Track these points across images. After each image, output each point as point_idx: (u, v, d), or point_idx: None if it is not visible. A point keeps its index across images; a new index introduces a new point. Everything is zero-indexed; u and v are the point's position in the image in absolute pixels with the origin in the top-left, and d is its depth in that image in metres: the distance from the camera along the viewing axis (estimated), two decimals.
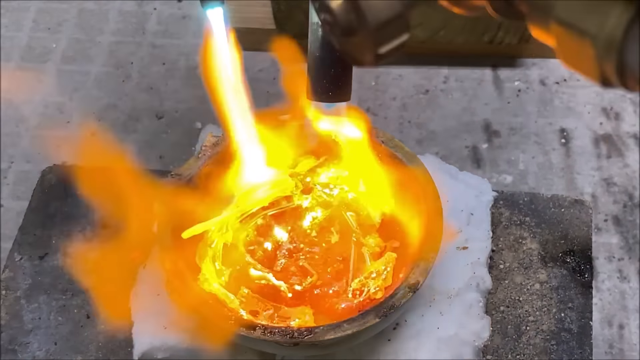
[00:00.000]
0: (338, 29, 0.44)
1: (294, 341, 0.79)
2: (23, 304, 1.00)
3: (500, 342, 0.95)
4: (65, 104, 1.50)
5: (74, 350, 0.96)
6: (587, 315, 0.97)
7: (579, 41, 0.39)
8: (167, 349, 0.91)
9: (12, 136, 1.45)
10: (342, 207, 0.96)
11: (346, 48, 0.46)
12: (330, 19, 0.44)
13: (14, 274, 1.03)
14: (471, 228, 1.00)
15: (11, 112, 1.49)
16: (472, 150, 1.40)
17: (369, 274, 0.89)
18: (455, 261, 0.96)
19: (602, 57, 0.39)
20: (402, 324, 0.91)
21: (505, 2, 0.45)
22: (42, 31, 1.62)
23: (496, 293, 0.98)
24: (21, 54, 1.58)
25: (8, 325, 0.99)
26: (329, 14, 0.43)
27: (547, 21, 0.41)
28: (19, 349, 0.97)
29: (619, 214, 1.31)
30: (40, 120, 1.48)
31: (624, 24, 0.38)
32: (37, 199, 1.10)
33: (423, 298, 0.92)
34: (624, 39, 0.38)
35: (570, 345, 0.94)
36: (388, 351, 0.90)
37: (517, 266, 1.01)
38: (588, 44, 0.39)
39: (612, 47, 0.38)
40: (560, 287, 0.99)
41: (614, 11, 0.38)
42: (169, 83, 1.52)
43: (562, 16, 0.40)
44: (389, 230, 0.94)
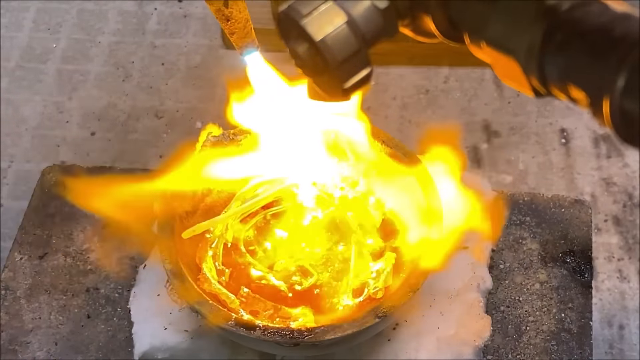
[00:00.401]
0: (307, 71, 0.50)
1: (294, 341, 0.79)
2: (23, 303, 1.00)
3: (501, 342, 0.95)
4: (65, 104, 1.50)
5: (74, 350, 0.96)
6: (587, 316, 0.97)
7: (507, 58, 0.46)
8: (167, 349, 0.91)
9: (12, 136, 1.45)
10: (342, 207, 0.96)
11: (319, 86, 0.51)
12: (299, 63, 0.49)
13: (14, 273, 1.03)
14: None
15: (11, 112, 1.49)
16: (472, 150, 1.40)
17: (369, 274, 0.89)
18: (455, 261, 0.96)
19: (526, 71, 0.45)
20: (402, 323, 0.91)
21: (452, 30, 0.51)
22: (42, 31, 1.62)
23: (496, 293, 0.98)
24: (21, 54, 1.58)
25: (8, 325, 0.99)
26: (298, 58, 0.49)
27: (481, 43, 0.48)
28: (19, 349, 0.97)
29: (619, 214, 1.31)
30: (40, 120, 1.48)
31: (539, 39, 0.44)
32: (37, 198, 1.10)
33: (423, 298, 0.92)
34: (541, 53, 0.44)
35: (570, 346, 0.94)
36: (388, 351, 0.90)
37: (517, 266, 1.01)
38: (513, 60, 0.45)
39: (532, 60, 0.44)
40: (561, 287, 0.99)
41: (530, 29, 0.44)
42: (169, 83, 1.53)
43: (491, 37, 0.47)
44: (389, 230, 0.93)
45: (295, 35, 0.48)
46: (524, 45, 0.44)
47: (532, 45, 0.44)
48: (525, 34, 0.44)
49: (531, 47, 0.44)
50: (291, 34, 0.49)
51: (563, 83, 0.44)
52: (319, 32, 0.47)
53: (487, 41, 0.47)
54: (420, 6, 0.50)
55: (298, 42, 0.48)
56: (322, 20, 0.47)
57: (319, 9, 0.47)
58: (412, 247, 0.89)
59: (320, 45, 0.47)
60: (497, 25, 0.46)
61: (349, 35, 0.47)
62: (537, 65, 0.44)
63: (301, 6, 0.48)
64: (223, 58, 1.57)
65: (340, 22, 0.47)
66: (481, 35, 0.47)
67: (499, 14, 0.46)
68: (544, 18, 0.44)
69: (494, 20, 0.46)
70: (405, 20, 0.52)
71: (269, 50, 1.66)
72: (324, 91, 0.51)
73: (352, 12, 0.48)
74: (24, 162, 1.42)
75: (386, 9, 0.50)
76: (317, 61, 0.48)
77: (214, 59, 1.57)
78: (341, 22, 0.47)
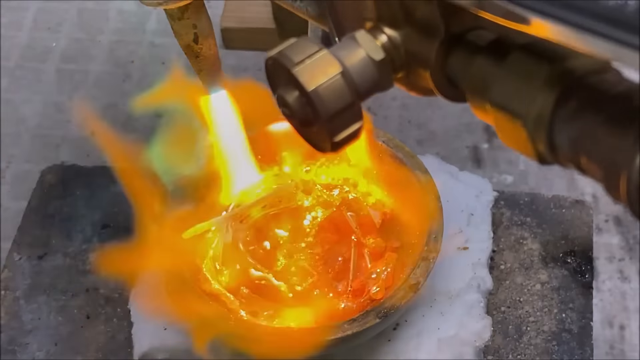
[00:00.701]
0: (296, 121, 0.46)
1: None
2: (22, 304, 1.00)
3: (501, 343, 0.95)
4: (65, 104, 1.50)
5: (73, 351, 0.96)
6: (587, 316, 0.97)
7: (513, 123, 0.42)
8: (167, 350, 0.91)
9: (12, 136, 1.45)
10: (342, 207, 0.96)
11: (308, 137, 0.48)
12: (288, 112, 0.46)
13: (13, 274, 1.03)
14: (472, 228, 0.99)
15: (10, 112, 1.49)
16: (472, 150, 1.39)
17: (369, 275, 0.89)
18: (455, 262, 0.96)
19: (533, 138, 0.41)
20: (402, 324, 0.91)
21: (451, 87, 0.48)
22: (42, 30, 1.62)
23: (497, 293, 0.98)
24: (21, 53, 1.58)
25: (7, 325, 0.98)
26: (286, 107, 0.46)
27: (485, 104, 0.44)
28: (18, 350, 0.97)
29: (620, 214, 1.30)
30: (40, 120, 1.48)
31: (550, 105, 0.40)
32: (36, 198, 1.10)
33: (424, 298, 0.92)
34: (551, 120, 0.40)
35: (571, 346, 0.94)
36: (388, 351, 0.90)
37: (518, 267, 1.01)
38: (520, 125, 0.41)
39: (541, 127, 0.41)
40: (561, 288, 0.99)
41: (541, 93, 0.40)
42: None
43: (496, 99, 0.43)
44: (389, 230, 0.93)
45: (285, 83, 0.46)
46: (533, 111, 0.41)
47: (543, 112, 0.40)
48: (535, 98, 0.41)
49: (541, 114, 0.40)
50: (280, 81, 0.46)
51: (574, 154, 0.40)
52: (311, 81, 0.44)
53: (491, 103, 0.43)
54: (418, 61, 0.48)
55: (287, 90, 0.45)
56: (315, 69, 0.44)
57: (312, 57, 0.45)
58: (412, 247, 0.89)
59: (312, 96, 0.44)
60: (504, 86, 0.43)
61: (342, 87, 0.45)
62: (546, 134, 0.41)
63: (293, 53, 0.45)
64: (223, 58, 1.57)
65: (334, 73, 0.45)
66: (485, 96, 0.44)
67: (506, 74, 0.43)
68: (558, 83, 0.40)
69: (500, 81, 0.43)
70: (400, 73, 0.49)
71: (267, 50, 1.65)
72: (312, 142, 0.48)
73: (346, 62, 0.46)
74: (23, 162, 1.42)
75: (382, 61, 0.47)
76: (306, 111, 0.45)
77: None
78: (335, 72, 0.45)
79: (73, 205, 1.09)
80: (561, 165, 0.42)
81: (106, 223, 1.07)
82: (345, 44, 0.47)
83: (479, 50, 0.45)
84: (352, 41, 0.47)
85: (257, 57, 1.52)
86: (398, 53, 0.47)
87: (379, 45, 0.47)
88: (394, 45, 0.47)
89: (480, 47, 0.45)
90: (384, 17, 0.47)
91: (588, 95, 0.39)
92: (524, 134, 0.41)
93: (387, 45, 0.47)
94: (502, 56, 0.43)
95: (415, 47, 0.47)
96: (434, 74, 0.47)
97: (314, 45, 0.45)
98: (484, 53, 0.44)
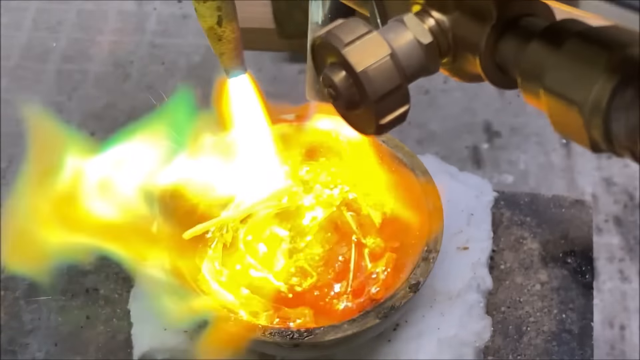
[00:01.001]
0: (342, 102, 0.46)
1: (294, 342, 0.79)
2: (22, 304, 1.00)
3: (502, 343, 0.95)
4: (65, 104, 1.50)
5: (73, 351, 0.96)
6: (588, 316, 0.97)
7: (568, 109, 0.41)
8: (167, 350, 0.91)
9: (12, 136, 1.45)
10: (342, 207, 0.96)
11: (351, 120, 0.47)
12: (333, 93, 0.46)
13: (12, 274, 1.03)
14: (472, 228, 0.99)
15: (10, 112, 1.49)
16: (472, 151, 1.39)
17: (369, 275, 0.89)
18: (456, 262, 0.96)
19: (589, 125, 0.40)
20: (402, 324, 0.91)
21: (500, 72, 0.47)
22: (42, 31, 1.62)
23: (497, 294, 0.98)
24: (21, 54, 1.58)
25: (7, 325, 0.98)
26: (332, 88, 0.45)
27: (538, 90, 0.43)
28: (18, 350, 0.97)
29: (620, 214, 1.30)
30: None
31: (608, 92, 0.39)
32: None
33: (424, 299, 0.92)
34: (608, 108, 0.40)
35: (572, 347, 0.94)
36: (388, 352, 0.90)
37: (518, 267, 1.00)
38: (576, 112, 0.41)
39: (597, 115, 0.40)
40: (561, 288, 0.99)
41: (599, 80, 0.40)
42: (169, 83, 1.52)
43: (551, 86, 0.42)
44: (389, 231, 0.93)
45: (332, 63, 0.46)
46: (590, 98, 0.40)
47: (600, 99, 0.40)
48: (593, 85, 0.40)
49: (599, 101, 0.40)
50: (327, 61, 0.46)
51: (632, 143, 0.39)
52: (361, 62, 0.44)
53: (545, 89, 0.43)
54: (466, 45, 0.47)
55: (334, 70, 0.45)
56: (365, 50, 0.44)
57: (362, 38, 0.45)
58: (412, 247, 0.89)
59: (361, 76, 0.44)
60: (561, 73, 0.42)
61: (391, 69, 0.45)
62: (602, 121, 0.40)
63: (343, 33, 0.45)
64: None
65: (384, 54, 0.44)
66: (539, 83, 0.43)
67: (563, 60, 0.42)
68: (617, 70, 0.39)
69: (556, 68, 0.42)
70: (446, 58, 0.49)
71: (268, 50, 1.65)
72: (354, 125, 0.48)
73: (395, 45, 0.45)
74: (23, 162, 1.42)
75: (429, 44, 0.47)
76: (353, 93, 0.45)
77: (213, 59, 1.57)
78: (385, 54, 0.44)
79: None
80: (615, 154, 0.41)
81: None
82: (393, 27, 0.47)
83: (533, 36, 0.44)
84: (400, 24, 0.47)
85: (256, 57, 1.52)
86: (446, 37, 0.47)
87: (426, 28, 0.47)
88: (442, 29, 0.47)
89: (534, 33, 0.44)
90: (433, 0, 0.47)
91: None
92: (579, 121, 0.41)
93: (434, 29, 0.47)
94: (557, 43, 0.42)
95: (465, 32, 0.47)
96: (484, 60, 0.47)
97: (363, 26, 0.45)
98: (539, 39, 0.44)
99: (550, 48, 0.43)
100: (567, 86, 0.41)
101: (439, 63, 0.49)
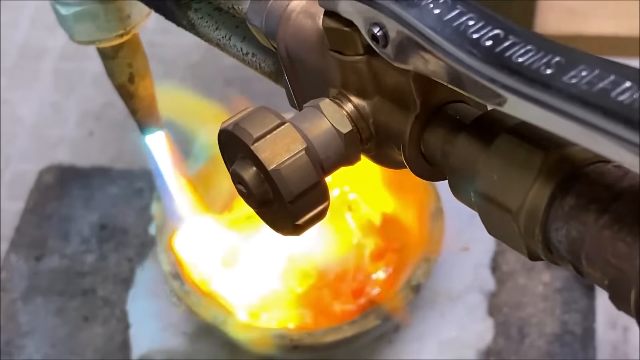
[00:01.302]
0: (253, 201, 0.41)
1: (294, 344, 0.79)
2: (19, 306, 1.00)
3: (504, 344, 0.94)
4: (62, 103, 1.50)
5: (71, 353, 0.96)
6: (590, 318, 0.96)
7: (501, 215, 0.37)
8: (165, 351, 0.91)
9: (9, 135, 1.44)
10: (342, 207, 0.96)
11: (265, 217, 0.43)
12: (244, 191, 0.41)
13: (10, 275, 1.02)
14: (473, 229, 0.99)
15: (7, 111, 1.48)
16: None
17: (369, 276, 0.89)
18: (457, 262, 0.95)
19: (525, 235, 0.36)
20: (403, 325, 0.91)
21: (427, 164, 0.42)
22: (39, 29, 1.61)
23: (499, 295, 0.98)
24: (18, 53, 1.58)
25: (4, 327, 0.98)
26: (241, 184, 0.41)
27: (469, 191, 0.38)
28: (15, 352, 0.96)
29: None
30: (37, 120, 1.47)
31: (545, 199, 0.35)
32: (33, 199, 1.10)
33: (425, 300, 0.92)
34: (546, 216, 0.35)
35: (574, 348, 0.94)
36: (389, 353, 0.90)
37: (520, 268, 1.00)
38: (509, 219, 0.36)
39: (534, 223, 0.35)
40: (564, 289, 0.98)
41: (534, 185, 0.35)
42: (168, 82, 1.52)
43: (482, 189, 0.37)
44: (390, 231, 0.93)
45: (242, 158, 0.41)
46: (525, 205, 0.35)
47: (536, 207, 0.35)
48: (527, 191, 0.35)
49: (535, 209, 0.35)
50: (236, 155, 0.41)
51: (574, 257, 0.34)
52: (272, 159, 0.39)
53: (475, 193, 0.37)
54: (389, 134, 0.42)
55: (244, 166, 0.40)
56: (277, 144, 0.39)
57: (273, 132, 0.40)
58: (413, 247, 0.89)
59: (274, 175, 0.39)
60: (490, 174, 0.36)
61: (307, 165, 0.40)
62: (540, 231, 0.35)
63: (251, 125, 0.40)
64: (222, 57, 1.56)
65: (298, 149, 0.39)
66: (468, 183, 0.38)
67: (493, 161, 0.37)
68: (553, 174, 0.35)
69: (486, 169, 0.37)
70: (368, 144, 0.43)
71: None
72: (270, 224, 0.43)
73: (310, 136, 0.40)
74: (20, 162, 1.41)
75: (349, 133, 0.42)
76: (265, 190, 0.40)
77: (213, 58, 1.57)
78: (299, 148, 0.39)
79: (71, 206, 1.08)
80: (557, 265, 0.37)
81: (104, 224, 1.06)
82: (307, 115, 0.42)
83: (461, 128, 0.39)
84: (316, 111, 0.42)
85: None
86: (366, 124, 0.42)
87: (345, 115, 0.42)
88: (362, 115, 0.42)
89: (463, 124, 0.39)
90: (351, 84, 0.42)
91: (589, 190, 0.34)
92: (514, 229, 0.36)
93: (354, 115, 0.42)
94: (488, 138, 0.37)
95: (387, 119, 0.42)
96: (408, 151, 0.41)
97: (274, 116, 0.40)
98: (467, 133, 0.39)
99: (480, 144, 0.38)
100: (499, 190, 0.36)
101: (359, 153, 0.44)
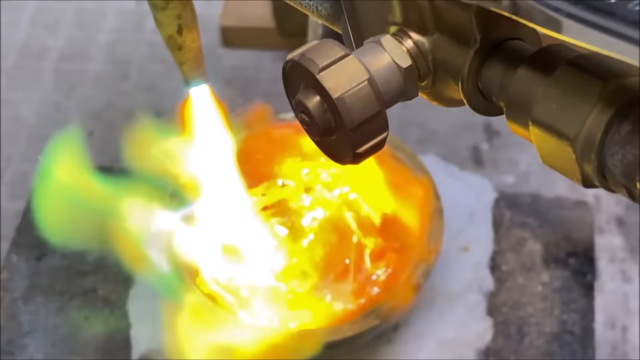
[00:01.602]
0: (316, 129, 0.42)
1: (294, 344, 0.79)
2: (20, 305, 1.00)
3: (503, 344, 0.94)
4: (63, 103, 1.50)
5: (72, 352, 0.96)
6: (589, 317, 0.96)
7: (558, 143, 0.38)
8: (166, 351, 0.91)
9: (10, 135, 1.45)
10: (342, 207, 0.95)
11: (324, 147, 0.44)
12: (307, 119, 0.42)
13: (11, 275, 1.02)
14: (472, 229, 0.99)
15: (8, 111, 1.48)
16: (473, 150, 1.39)
17: (369, 276, 0.89)
18: (456, 262, 0.95)
19: (581, 160, 0.37)
20: (403, 325, 0.91)
21: (484, 99, 0.44)
22: (40, 29, 1.61)
23: (498, 294, 0.98)
24: (19, 53, 1.58)
25: (5, 327, 0.98)
26: (305, 113, 0.42)
27: (526, 121, 0.40)
28: (16, 351, 0.96)
29: (622, 214, 1.30)
30: (38, 119, 1.48)
31: (602, 126, 0.36)
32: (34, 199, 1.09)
33: (424, 299, 0.92)
34: (602, 142, 0.37)
35: (573, 348, 0.94)
36: (389, 353, 0.90)
37: (519, 267, 1.00)
38: (566, 146, 0.37)
39: (591, 149, 0.37)
40: (563, 289, 0.98)
41: (592, 113, 0.37)
42: (168, 82, 1.52)
43: (540, 117, 0.39)
44: (390, 231, 0.93)
45: (305, 88, 0.42)
46: (582, 131, 0.36)
47: (593, 133, 0.36)
48: (586, 118, 0.36)
49: (591, 135, 0.36)
50: (299, 85, 0.42)
51: (629, 180, 0.36)
52: (337, 88, 0.40)
53: (533, 121, 0.39)
54: (447, 70, 0.43)
55: (308, 95, 0.41)
56: (341, 74, 0.41)
57: (337, 62, 0.41)
58: (412, 247, 0.89)
59: (338, 103, 0.40)
60: (550, 103, 0.38)
61: (369, 95, 0.41)
62: (596, 156, 0.36)
63: (317, 56, 0.41)
64: (222, 57, 1.56)
65: (362, 79, 0.41)
66: (526, 113, 0.39)
67: (552, 91, 0.38)
68: (612, 102, 0.36)
69: (545, 98, 0.38)
70: (425, 81, 0.45)
71: (268, 49, 1.65)
72: (329, 153, 0.44)
73: (372, 69, 0.42)
74: (21, 162, 1.41)
75: (408, 68, 0.43)
76: (328, 119, 0.41)
77: (212, 58, 1.57)
78: (362, 79, 0.41)
79: None
80: (609, 190, 0.38)
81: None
82: (369, 49, 0.43)
83: (520, 63, 0.41)
84: (377, 46, 0.43)
85: (257, 55, 1.52)
86: (425, 60, 0.44)
87: (405, 51, 0.44)
88: (421, 51, 0.44)
89: (521, 59, 0.41)
90: (412, 21, 0.44)
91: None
92: (571, 155, 0.37)
93: (413, 51, 0.44)
94: (547, 70, 0.39)
95: (446, 55, 0.43)
96: (466, 85, 0.43)
97: (339, 48, 0.41)
98: (526, 66, 0.40)
99: (539, 76, 0.39)
100: (558, 118, 0.38)
101: (417, 88, 0.45)
